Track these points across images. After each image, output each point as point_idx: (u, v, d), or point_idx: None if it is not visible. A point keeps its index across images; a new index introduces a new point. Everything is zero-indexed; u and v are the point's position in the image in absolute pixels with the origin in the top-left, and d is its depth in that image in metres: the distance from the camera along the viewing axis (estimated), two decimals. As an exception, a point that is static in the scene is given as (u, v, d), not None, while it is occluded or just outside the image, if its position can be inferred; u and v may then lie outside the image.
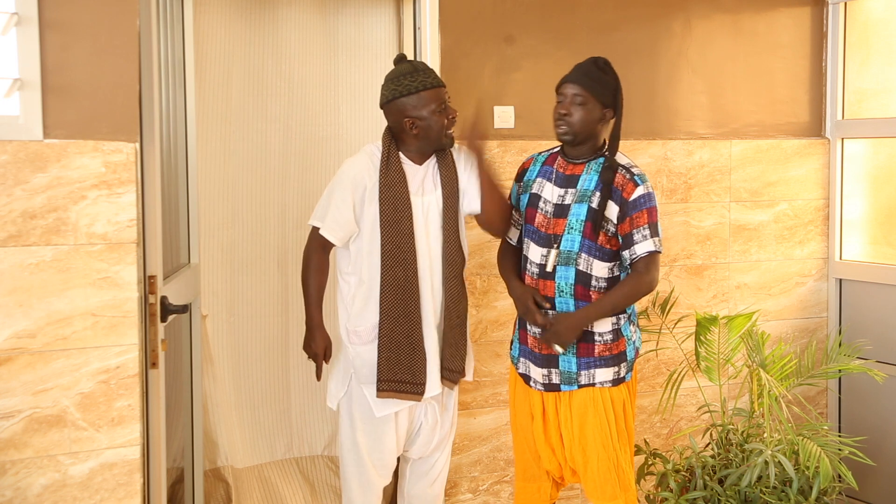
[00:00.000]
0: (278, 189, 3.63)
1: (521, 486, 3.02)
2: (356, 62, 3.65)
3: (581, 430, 2.81)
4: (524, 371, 2.90)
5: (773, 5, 3.91)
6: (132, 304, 2.32)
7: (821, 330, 4.03)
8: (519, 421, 2.97)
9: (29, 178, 2.23)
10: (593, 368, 2.79)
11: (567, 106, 2.76)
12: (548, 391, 2.84)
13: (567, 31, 3.55)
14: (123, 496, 2.32)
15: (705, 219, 3.83)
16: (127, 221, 2.30)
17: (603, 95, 2.75)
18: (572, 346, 2.78)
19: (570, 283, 2.76)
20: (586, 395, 2.80)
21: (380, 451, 2.88)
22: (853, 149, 4.00)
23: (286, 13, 3.56)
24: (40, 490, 2.26)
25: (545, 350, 2.81)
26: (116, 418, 2.31)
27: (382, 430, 2.87)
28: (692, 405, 3.80)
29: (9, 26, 2.21)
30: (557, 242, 2.77)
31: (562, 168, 2.84)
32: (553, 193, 2.82)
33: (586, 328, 2.77)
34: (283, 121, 3.60)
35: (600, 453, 2.79)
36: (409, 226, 2.79)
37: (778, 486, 3.14)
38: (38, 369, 2.25)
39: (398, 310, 2.79)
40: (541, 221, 2.82)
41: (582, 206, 2.75)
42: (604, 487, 2.81)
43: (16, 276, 2.22)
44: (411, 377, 2.81)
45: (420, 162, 2.87)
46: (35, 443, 2.25)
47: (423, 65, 2.82)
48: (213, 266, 3.52)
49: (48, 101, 2.25)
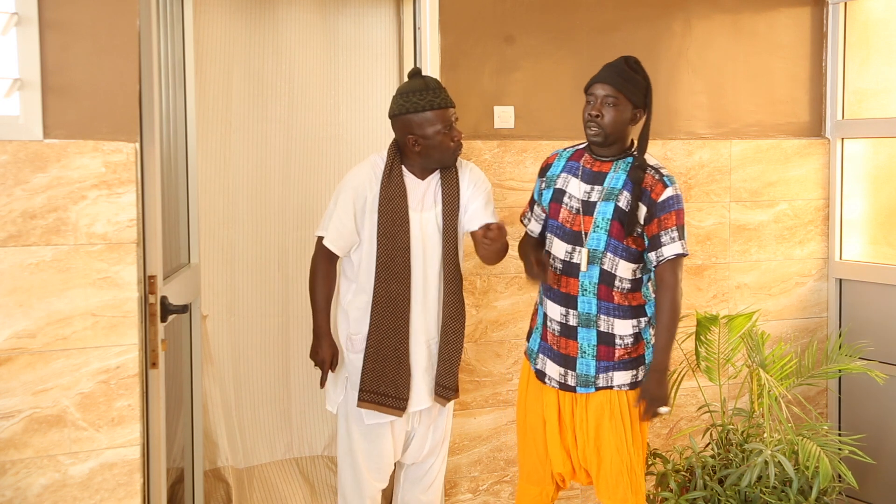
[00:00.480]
0: (279, 189, 3.63)
1: (524, 487, 2.99)
2: (356, 62, 3.65)
3: (597, 433, 2.78)
4: (541, 367, 2.86)
5: (773, 5, 3.91)
6: (132, 304, 2.32)
7: (821, 330, 4.03)
8: (530, 422, 2.91)
9: (29, 178, 2.23)
10: (612, 371, 2.76)
11: (598, 107, 2.70)
12: (563, 390, 2.82)
13: (567, 31, 3.55)
14: (123, 496, 2.32)
15: (705, 219, 3.83)
16: (127, 221, 2.30)
17: (635, 95, 2.69)
18: (594, 350, 2.74)
19: (595, 282, 2.72)
20: (603, 397, 2.76)
21: (376, 456, 2.88)
22: (853, 149, 4.00)
23: (286, 13, 3.56)
24: (40, 490, 2.26)
25: (563, 349, 2.78)
26: (116, 418, 2.31)
27: (378, 434, 2.87)
28: (692, 405, 3.80)
29: (9, 26, 2.21)
30: (582, 242, 2.73)
31: (589, 164, 2.79)
32: (579, 189, 2.77)
33: (608, 331, 2.74)
34: (284, 121, 3.60)
35: (614, 456, 2.76)
36: (405, 240, 2.79)
37: (778, 486, 3.14)
38: (38, 369, 2.25)
39: (388, 323, 2.79)
40: (565, 217, 2.78)
41: (609, 204, 2.71)
42: (616, 490, 2.78)
43: (16, 276, 2.22)
44: (394, 391, 2.80)
45: (423, 177, 2.86)
46: (35, 443, 2.25)
47: (435, 83, 2.80)
48: (214, 266, 3.52)
49: (48, 101, 2.25)
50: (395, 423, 2.88)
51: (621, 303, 2.73)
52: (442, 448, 3.03)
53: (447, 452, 3.08)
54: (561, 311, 2.78)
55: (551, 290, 2.81)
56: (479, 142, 3.43)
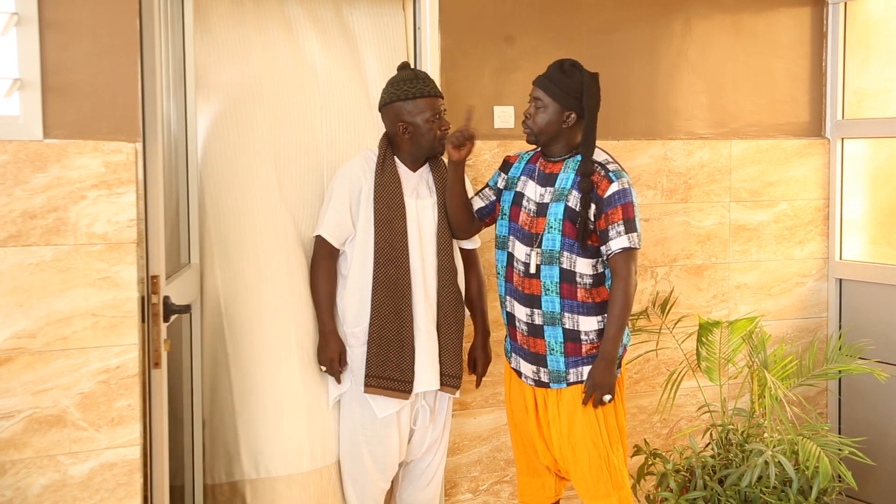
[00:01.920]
0: (286, 188, 3.57)
1: (525, 481, 3.03)
2: (359, 61, 3.61)
3: (570, 429, 2.83)
4: (515, 366, 2.95)
5: (773, 5, 3.91)
6: (132, 304, 2.32)
7: (821, 330, 4.03)
8: (516, 415, 2.99)
9: (29, 178, 2.23)
10: (581, 366, 2.82)
11: (528, 109, 2.86)
12: (538, 387, 2.89)
13: (567, 32, 3.55)
14: (123, 496, 2.32)
15: (705, 219, 3.83)
16: (127, 221, 2.30)
17: (563, 98, 2.79)
18: (561, 346, 2.81)
19: (556, 281, 2.79)
20: (575, 392, 2.82)
21: (383, 453, 2.88)
22: (853, 149, 4.00)
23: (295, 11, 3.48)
24: (40, 490, 2.26)
25: (533, 348, 2.85)
26: (116, 418, 2.31)
27: (385, 432, 2.87)
28: (692, 405, 3.80)
29: (9, 26, 2.21)
30: (538, 241, 2.81)
31: (542, 167, 2.89)
32: (535, 192, 2.87)
33: (573, 328, 2.80)
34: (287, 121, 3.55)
35: (591, 451, 2.80)
36: (402, 225, 2.85)
37: (778, 486, 3.14)
38: (38, 369, 2.25)
39: (389, 307, 2.82)
40: (524, 220, 2.87)
41: (559, 204, 2.80)
42: (596, 486, 2.82)
43: (16, 276, 2.22)
44: (400, 374, 2.83)
45: (414, 168, 2.95)
46: (35, 443, 2.25)
47: (424, 73, 2.90)
48: (234, 266, 3.36)
49: (48, 101, 2.25)
50: (402, 419, 2.89)
51: (585, 299, 2.79)
52: (440, 444, 3.04)
53: (446, 450, 3.09)
54: (526, 312, 2.85)
55: (517, 292, 2.87)
56: (479, 142, 3.43)
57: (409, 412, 2.92)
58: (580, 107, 2.80)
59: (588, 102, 2.79)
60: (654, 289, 3.73)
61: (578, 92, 2.80)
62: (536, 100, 2.83)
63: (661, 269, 3.76)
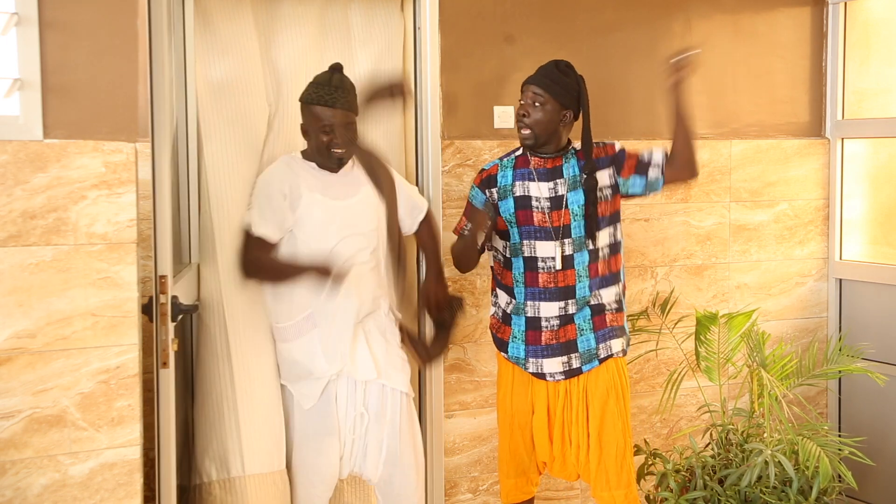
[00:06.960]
0: None
1: (511, 483, 3.05)
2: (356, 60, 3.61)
3: (603, 411, 2.88)
4: (535, 370, 2.93)
5: (773, 5, 3.91)
6: (132, 304, 2.32)
7: (821, 330, 4.03)
8: (518, 417, 2.98)
9: (29, 178, 2.23)
10: (608, 340, 2.90)
11: (527, 107, 2.86)
12: (569, 378, 2.91)
13: (567, 32, 3.55)
14: (123, 496, 2.32)
15: (705, 219, 3.83)
16: (127, 221, 2.30)
17: (562, 97, 2.85)
18: (590, 324, 2.88)
19: (586, 264, 2.88)
20: (609, 366, 2.90)
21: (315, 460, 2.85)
22: (853, 149, 4.00)
23: None
24: (40, 490, 2.26)
25: (563, 338, 2.88)
26: (116, 418, 2.31)
27: (324, 444, 2.85)
28: (692, 405, 3.80)
29: (9, 26, 2.21)
30: (567, 232, 2.86)
31: (540, 165, 2.92)
32: (544, 189, 2.90)
33: (598, 303, 2.90)
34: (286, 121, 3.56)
35: (619, 439, 2.88)
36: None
37: (778, 486, 3.14)
38: (38, 369, 2.25)
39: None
40: (540, 219, 2.89)
41: (577, 192, 2.87)
42: (619, 474, 2.88)
43: (16, 276, 2.22)
44: None
45: (334, 170, 2.90)
46: (35, 443, 2.25)
47: (339, 82, 2.80)
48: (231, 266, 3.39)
49: (48, 101, 2.25)
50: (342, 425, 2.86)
51: (604, 272, 2.90)
52: (404, 458, 2.91)
53: (421, 468, 2.99)
54: (559, 306, 2.88)
55: (546, 291, 2.88)
56: (478, 142, 3.44)
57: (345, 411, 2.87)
58: (577, 106, 2.88)
59: (585, 102, 2.89)
60: (654, 289, 3.74)
61: (576, 91, 2.88)
62: (537, 96, 2.85)
63: (661, 269, 3.76)
